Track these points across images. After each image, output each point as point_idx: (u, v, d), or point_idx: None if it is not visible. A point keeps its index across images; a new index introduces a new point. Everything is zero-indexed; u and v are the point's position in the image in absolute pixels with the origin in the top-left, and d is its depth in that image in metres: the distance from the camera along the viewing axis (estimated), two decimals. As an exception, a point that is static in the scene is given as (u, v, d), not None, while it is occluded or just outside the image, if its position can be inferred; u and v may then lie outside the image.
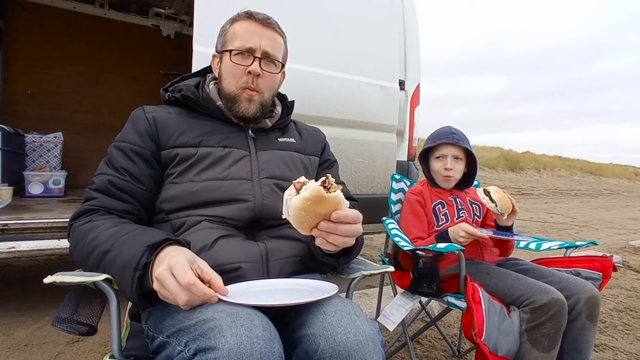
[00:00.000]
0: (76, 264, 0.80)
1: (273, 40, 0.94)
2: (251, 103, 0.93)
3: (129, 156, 0.87)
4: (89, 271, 0.74)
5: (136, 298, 0.66)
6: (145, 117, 0.90)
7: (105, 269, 0.71)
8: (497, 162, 14.73)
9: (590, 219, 7.09)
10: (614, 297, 2.46)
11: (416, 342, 1.72)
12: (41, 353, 1.55)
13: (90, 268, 0.74)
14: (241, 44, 0.91)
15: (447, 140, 1.43)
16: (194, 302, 0.62)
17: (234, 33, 0.93)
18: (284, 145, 0.99)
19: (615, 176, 21.72)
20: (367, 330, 0.65)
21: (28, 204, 2.32)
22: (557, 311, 1.02)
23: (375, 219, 1.56)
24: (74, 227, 0.80)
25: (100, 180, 0.85)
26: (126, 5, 3.96)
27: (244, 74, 0.91)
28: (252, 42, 0.91)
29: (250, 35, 0.91)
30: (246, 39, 0.91)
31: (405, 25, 2.42)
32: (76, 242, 0.78)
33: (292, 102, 1.09)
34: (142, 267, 0.65)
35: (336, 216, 0.70)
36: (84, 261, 0.75)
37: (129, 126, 0.91)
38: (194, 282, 0.61)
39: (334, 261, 0.85)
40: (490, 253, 1.40)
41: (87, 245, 0.74)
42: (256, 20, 0.92)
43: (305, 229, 0.72)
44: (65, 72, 3.85)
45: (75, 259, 0.79)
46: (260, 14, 0.93)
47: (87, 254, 0.74)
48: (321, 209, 0.69)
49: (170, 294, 0.61)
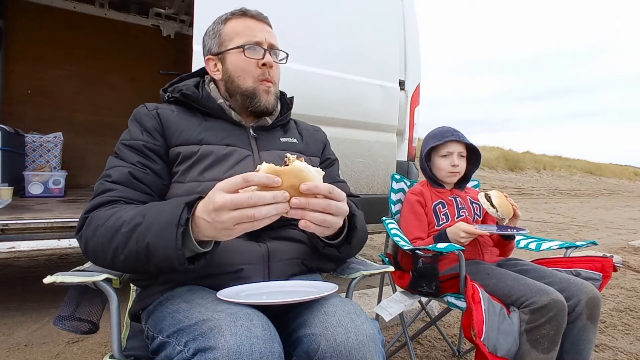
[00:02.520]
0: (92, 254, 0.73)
1: (272, 34, 0.96)
2: (269, 95, 0.94)
3: (144, 152, 0.85)
4: (112, 254, 0.69)
5: (182, 256, 0.63)
6: (151, 113, 0.90)
7: (138, 241, 0.66)
8: (497, 162, 14.73)
9: (590, 219, 7.09)
10: (614, 297, 2.46)
11: (416, 342, 1.72)
12: (41, 353, 1.55)
13: (116, 248, 0.68)
14: (248, 39, 0.91)
15: (453, 137, 1.43)
16: (264, 197, 0.60)
17: (233, 31, 0.93)
18: (286, 145, 0.99)
19: (615, 176, 21.72)
20: (368, 330, 0.65)
21: (28, 204, 2.32)
22: (557, 312, 1.02)
23: (375, 219, 1.56)
24: (92, 216, 0.74)
25: (118, 172, 0.80)
26: (126, 5, 3.96)
27: (257, 67, 0.92)
28: (258, 37, 0.92)
29: (252, 30, 0.92)
30: (251, 34, 0.92)
31: (405, 25, 2.42)
32: (95, 228, 0.72)
33: (291, 99, 1.08)
34: (185, 221, 0.63)
35: (305, 187, 0.64)
36: (107, 244, 0.69)
37: (135, 125, 0.89)
38: (246, 177, 0.60)
39: (335, 251, 0.82)
40: (491, 253, 1.40)
41: (111, 227, 0.69)
42: (252, 16, 0.93)
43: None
44: (65, 72, 3.85)
45: (94, 247, 0.72)
46: (253, 10, 0.94)
47: (111, 235, 0.69)
48: (283, 183, 0.63)
49: (240, 204, 0.59)
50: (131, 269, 0.74)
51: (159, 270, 0.69)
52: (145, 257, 0.66)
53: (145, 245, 0.66)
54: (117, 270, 0.78)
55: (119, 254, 0.69)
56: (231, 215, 0.59)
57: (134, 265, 0.69)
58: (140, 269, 0.71)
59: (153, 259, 0.66)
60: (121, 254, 0.68)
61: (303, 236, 0.90)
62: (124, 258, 0.68)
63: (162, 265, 0.66)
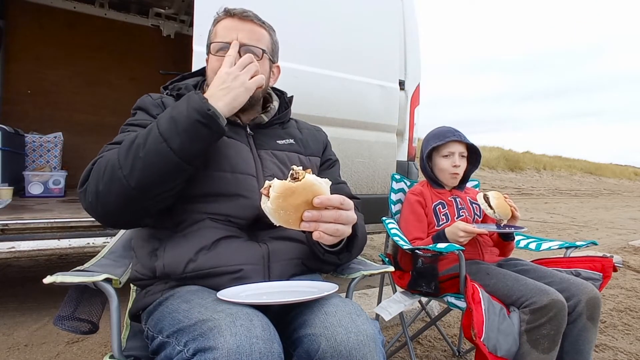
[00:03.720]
0: (103, 193, 0.72)
1: (251, 32, 0.94)
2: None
3: None
4: (130, 164, 0.70)
5: (206, 103, 0.73)
6: (155, 102, 0.91)
7: (161, 124, 0.72)
8: (497, 162, 14.72)
9: (590, 219, 7.09)
10: (614, 297, 2.46)
11: (416, 342, 1.72)
12: (41, 353, 1.55)
13: (138, 145, 0.71)
14: (220, 39, 0.92)
15: (455, 137, 1.43)
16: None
17: (216, 32, 0.94)
18: (284, 146, 0.98)
19: (615, 176, 21.71)
20: (368, 330, 0.65)
21: (28, 204, 2.32)
22: (557, 313, 1.02)
23: (375, 219, 1.56)
24: (98, 161, 0.75)
25: (121, 137, 0.81)
26: (126, 5, 3.96)
27: None
28: (228, 37, 0.91)
29: (228, 30, 0.92)
30: (224, 35, 0.92)
31: (406, 25, 2.42)
32: (107, 160, 0.73)
33: (290, 97, 1.08)
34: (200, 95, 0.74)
35: (318, 201, 0.68)
36: (127, 151, 0.71)
37: (140, 112, 0.90)
38: None
39: (335, 258, 0.84)
40: (491, 253, 1.40)
41: (122, 147, 0.73)
42: (234, 15, 0.93)
43: (295, 226, 0.71)
44: (65, 72, 3.85)
45: (110, 167, 0.72)
46: (237, 9, 0.94)
47: (128, 144, 0.72)
48: (297, 199, 0.67)
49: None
50: (154, 164, 0.71)
51: (187, 140, 0.72)
52: (171, 127, 0.71)
53: (168, 118, 0.73)
54: (133, 190, 0.72)
55: (141, 149, 0.71)
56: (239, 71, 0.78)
57: (158, 152, 0.71)
58: (164, 158, 0.71)
59: (180, 123, 0.71)
60: (143, 149, 0.71)
61: (303, 236, 0.90)
62: (145, 151, 0.71)
63: (190, 123, 0.71)
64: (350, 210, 0.73)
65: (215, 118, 0.73)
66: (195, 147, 0.73)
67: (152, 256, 0.81)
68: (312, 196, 0.68)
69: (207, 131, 0.73)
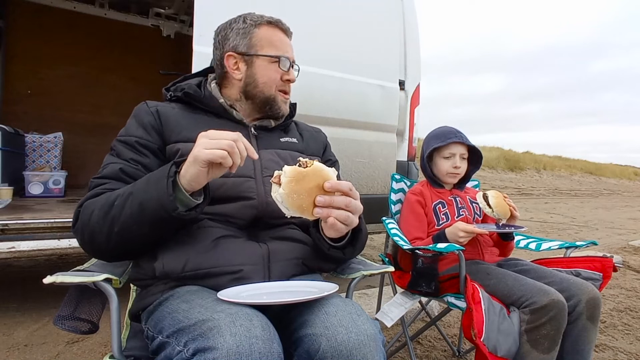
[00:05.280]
0: (88, 238, 0.75)
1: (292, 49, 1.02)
2: (286, 104, 1.01)
3: (137, 149, 0.86)
4: (108, 228, 0.72)
5: (173, 201, 0.69)
6: (150, 110, 0.91)
7: (132, 204, 0.71)
8: (497, 162, 14.73)
9: (590, 219, 7.09)
10: (614, 297, 2.46)
11: (416, 342, 1.72)
12: (41, 353, 1.55)
13: (112, 219, 0.72)
14: (281, 53, 0.96)
15: (456, 139, 1.43)
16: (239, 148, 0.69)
17: (267, 39, 0.95)
18: (286, 145, 1.00)
19: (615, 176, 21.72)
20: (369, 330, 0.65)
21: (28, 204, 2.32)
22: (557, 313, 1.02)
23: (375, 219, 1.56)
24: (85, 206, 0.77)
25: (110, 168, 0.82)
26: (126, 5, 3.96)
27: (281, 80, 0.98)
28: (289, 53, 0.98)
29: (284, 45, 0.98)
30: (284, 49, 0.97)
31: (405, 24, 2.42)
32: (90, 213, 0.75)
33: (294, 105, 1.09)
34: (173, 174, 0.71)
35: (329, 185, 0.70)
36: (102, 220, 0.73)
37: (132, 121, 0.90)
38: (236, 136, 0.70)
39: (340, 253, 0.85)
40: (491, 253, 1.40)
41: (104, 205, 0.74)
42: (282, 29, 0.99)
43: (308, 212, 0.71)
44: (65, 72, 3.85)
45: (91, 229, 0.74)
46: (283, 23, 0.99)
47: (105, 211, 0.73)
48: (308, 183, 0.69)
49: (220, 139, 0.69)
50: (128, 238, 0.74)
51: (154, 227, 0.72)
52: (140, 215, 0.71)
53: (139, 203, 0.71)
54: (114, 250, 0.77)
55: (115, 224, 0.72)
56: (206, 141, 0.69)
57: (130, 231, 0.72)
58: (136, 235, 0.73)
59: (147, 215, 0.70)
60: (117, 224, 0.72)
61: (303, 236, 0.90)
62: (119, 228, 0.72)
63: (157, 217, 0.70)
64: (358, 200, 0.75)
65: (182, 217, 0.71)
66: (165, 231, 0.76)
67: (151, 256, 0.81)
68: (323, 180, 0.70)
69: (175, 224, 0.74)
